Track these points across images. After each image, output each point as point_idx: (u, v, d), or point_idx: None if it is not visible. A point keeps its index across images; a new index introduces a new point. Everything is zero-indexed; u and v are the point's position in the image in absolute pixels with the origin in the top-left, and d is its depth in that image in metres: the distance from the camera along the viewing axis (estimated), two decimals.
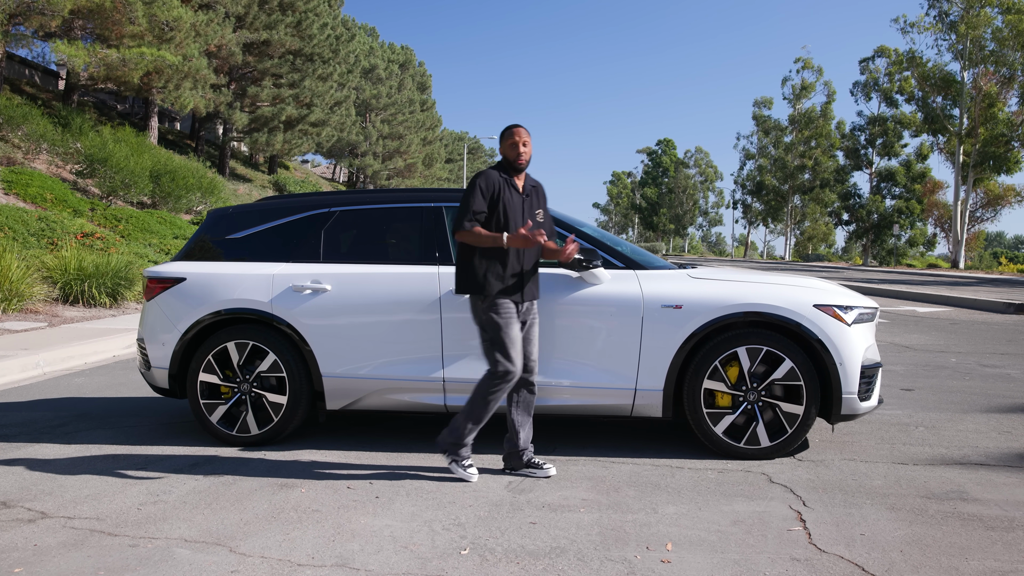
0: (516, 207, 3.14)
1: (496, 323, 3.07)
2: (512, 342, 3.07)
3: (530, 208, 3.19)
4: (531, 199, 3.20)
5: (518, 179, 3.19)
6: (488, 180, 3.13)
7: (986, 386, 5.24)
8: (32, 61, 21.03)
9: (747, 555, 2.38)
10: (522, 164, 3.16)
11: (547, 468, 3.21)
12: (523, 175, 3.21)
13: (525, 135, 3.17)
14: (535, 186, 3.25)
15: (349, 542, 2.49)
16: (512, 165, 3.17)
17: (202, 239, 4.02)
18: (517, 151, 3.14)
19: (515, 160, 3.15)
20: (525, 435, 3.22)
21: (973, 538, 2.53)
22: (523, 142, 3.15)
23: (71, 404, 4.71)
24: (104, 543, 2.49)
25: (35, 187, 12.35)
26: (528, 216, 3.17)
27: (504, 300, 3.09)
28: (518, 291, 3.12)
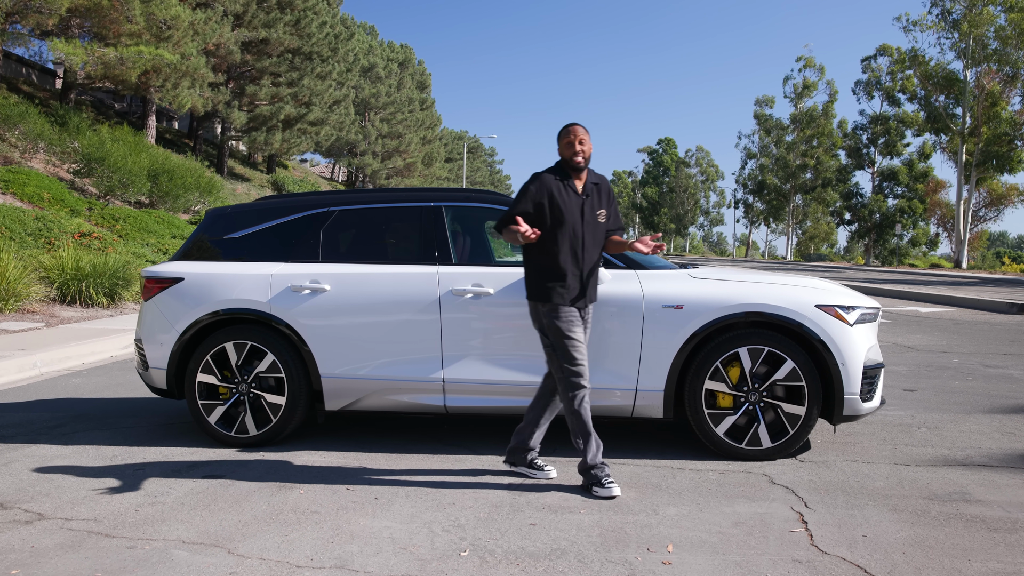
0: (572, 208, 3.02)
1: (559, 329, 2.99)
2: (576, 347, 3.00)
3: (591, 207, 3.06)
4: (592, 198, 3.07)
5: (577, 179, 3.06)
6: (539, 183, 3.04)
7: (989, 387, 5.23)
8: (29, 60, 20.98)
9: (748, 557, 2.37)
10: (578, 164, 3.03)
11: (548, 470, 3.19)
12: (583, 174, 3.07)
13: (582, 133, 3.04)
14: (597, 183, 3.11)
15: (348, 543, 2.48)
16: (569, 164, 3.05)
17: (200, 239, 4.00)
18: (573, 150, 3.02)
19: (571, 159, 3.03)
20: (539, 435, 3.18)
21: (976, 540, 2.52)
22: (579, 140, 3.02)
23: (68, 405, 4.69)
24: (102, 544, 2.48)
25: (32, 186, 12.32)
26: (589, 216, 3.05)
27: (566, 306, 3.01)
28: (581, 297, 3.04)
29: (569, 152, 3.04)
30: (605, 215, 3.11)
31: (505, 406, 3.54)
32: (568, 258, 3.02)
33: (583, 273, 3.04)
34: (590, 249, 3.06)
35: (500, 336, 3.53)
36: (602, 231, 3.12)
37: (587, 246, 3.05)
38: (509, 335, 3.53)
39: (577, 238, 3.03)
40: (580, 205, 3.05)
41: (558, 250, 3.02)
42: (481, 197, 3.88)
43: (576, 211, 3.04)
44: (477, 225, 4.18)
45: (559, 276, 3.01)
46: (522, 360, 3.49)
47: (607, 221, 3.14)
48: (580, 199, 3.06)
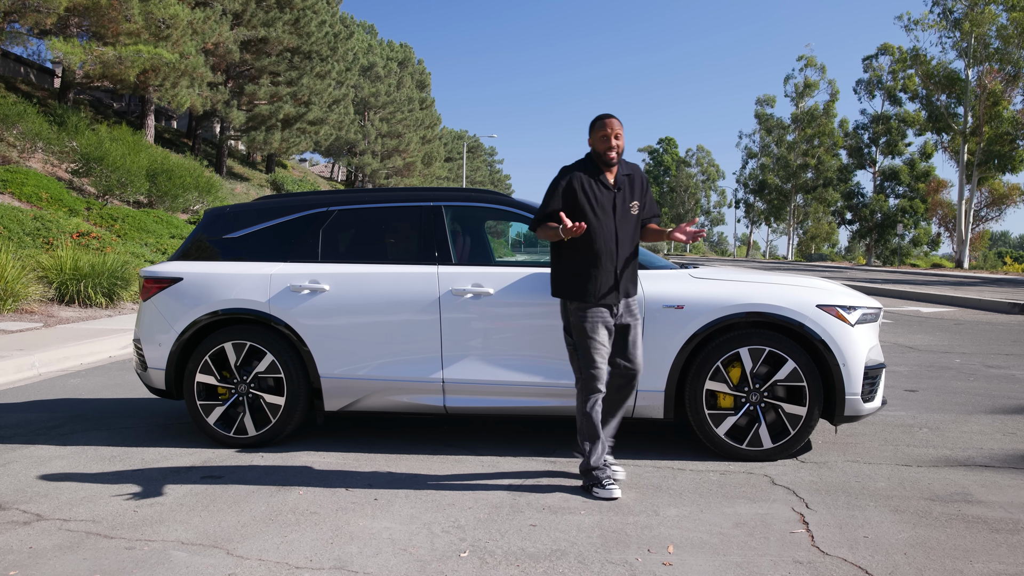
0: (603, 202, 2.93)
1: (582, 329, 2.95)
2: (596, 349, 2.92)
3: (623, 201, 2.97)
4: (624, 192, 2.98)
5: (608, 172, 2.97)
6: (568, 178, 2.95)
7: (991, 387, 5.22)
8: (27, 59, 20.94)
9: (749, 558, 2.37)
10: (611, 159, 2.93)
11: (616, 471, 3.04)
12: (614, 168, 2.98)
13: (617, 126, 2.93)
14: (629, 175, 3.01)
15: (347, 544, 2.47)
16: (601, 159, 2.95)
17: (199, 239, 3.99)
18: (608, 144, 2.92)
19: (604, 153, 2.93)
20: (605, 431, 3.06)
21: (978, 540, 2.52)
22: (615, 134, 2.92)
23: (67, 405, 4.68)
24: (100, 545, 2.47)
25: (30, 186, 12.29)
26: (621, 210, 2.96)
27: (592, 305, 2.95)
28: (614, 291, 2.95)
29: (603, 146, 2.94)
30: (638, 206, 3.02)
31: (505, 406, 3.53)
32: (599, 255, 2.94)
33: (616, 268, 2.96)
34: (623, 244, 2.98)
35: (500, 336, 3.52)
36: (635, 223, 3.03)
37: (620, 241, 2.97)
38: (509, 335, 3.52)
39: (609, 234, 2.95)
40: (612, 200, 2.96)
41: (589, 247, 2.93)
42: (481, 197, 3.87)
43: (608, 206, 2.95)
44: (477, 225, 4.17)
45: (589, 273, 2.94)
46: (522, 360, 3.48)
47: (641, 211, 3.04)
48: (612, 193, 2.97)
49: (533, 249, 24.39)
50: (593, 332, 2.95)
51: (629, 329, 3.05)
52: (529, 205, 3.82)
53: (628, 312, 3.05)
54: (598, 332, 2.95)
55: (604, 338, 2.97)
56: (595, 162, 2.99)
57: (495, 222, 5.56)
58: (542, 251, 17.47)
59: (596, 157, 2.99)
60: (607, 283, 2.96)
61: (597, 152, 2.97)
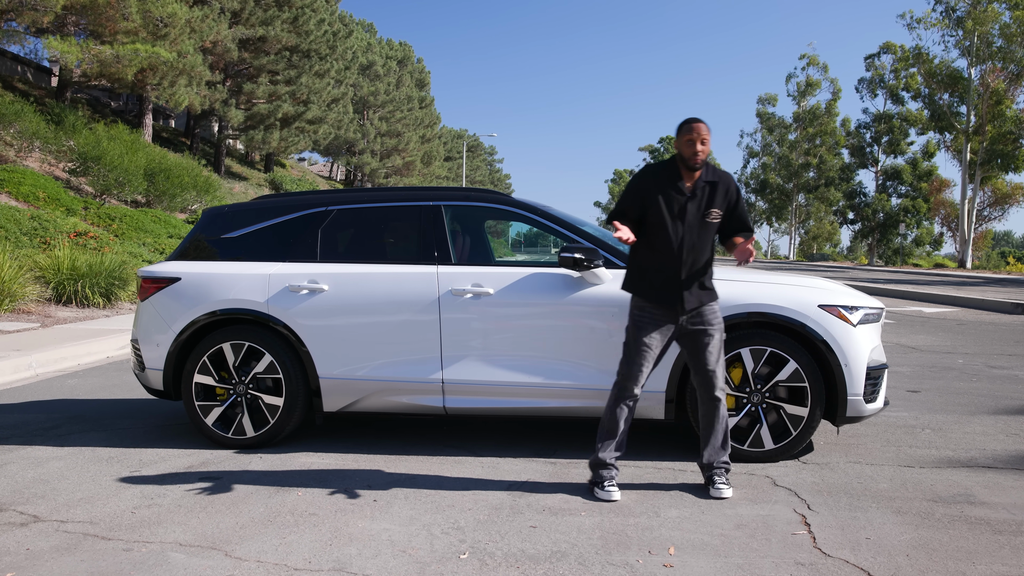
0: (673, 206, 2.91)
1: (632, 327, 2.97)
2: (639, 349, 2.91)
3: (697, 206, 2.92)
4: (700, 197, 2.93)
5: (688, 177, 2.95)
6: (641, 179, 2.99)
7: (993, 388, 5.21)
8: (24, 57, 20.87)
9: (751, 559, 2.35)
10: (696, 164, 2.91)
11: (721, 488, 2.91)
12: (695, 173, 2.95)
13: (704, 131, 2.90)
14: (711, 182, 2.95)
15: (346, 546, 2.46)
16: (686, 162, 2.94)
17: (197, 238, 3.97)
18: (693, 149, 2.90)
19: (689, 158, 2.91)
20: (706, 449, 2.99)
21: (980, 542, 2.50)
22: (700, 139, 2.89)
23: (64, 406, 4.66)
24: (97, 547, 2.46)
25: (27, 185, 12.24)
26: (693, 215, 2.92)
27: (648, 306, 2.94)
28: (672, 295, 2.91)
29: (689, 151, 2.92)
30: (717, 214, 2.96)
31: (505, 407, 3.51)
32: (662, 257, 2.93)
33: (680, 273, 2.91)
34: (691, 249, 2.92)
35: (500, 337, 3.51)
36: (710, 231, 2.97)
37: (687, 246, 2.92)
38: (509, 335, 3.50)
39: (676, 237, 2.92)
40: (683, 204, 2.93)
41: (654, 247, 2.95)
42: (481, 196, 3.85)
43: (677, 210, 2.92)
44: (477, 224, 4.15)
45: (649, 273, 2.96)
46: (522, 361, 3.46)
47: (720, 221, 2.99)
48: (684, 198, 2.94)
49: (533, 249, 24.35)
50: (640, 331, 2.94)
51: (699, 337, 2.96)
52: (529, 204, 3.80)
53: (700, 321, 2.96)
54: (646, 333, 2.93)
55: (651, 341, 2.94)
56: (678, 165, 2.98)
57: (495, 222, 5.53)
58: (542, 251, 17.35)
59: (680, 160, 2.98)
60: (666, 286, 2.93)
61: (682, 156, 2.96)
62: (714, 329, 2.97)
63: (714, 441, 3.00)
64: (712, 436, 3.00)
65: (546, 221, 3.70)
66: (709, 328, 2.97)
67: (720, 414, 2.99)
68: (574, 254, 3.34)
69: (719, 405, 2.98)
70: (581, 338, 3.43)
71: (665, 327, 2.96)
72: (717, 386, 2.97)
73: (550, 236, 3.79)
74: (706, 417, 3.02)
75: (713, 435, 3.00)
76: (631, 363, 2.94)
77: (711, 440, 3.00)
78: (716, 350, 2.97)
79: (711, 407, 3.00)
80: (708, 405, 3.00)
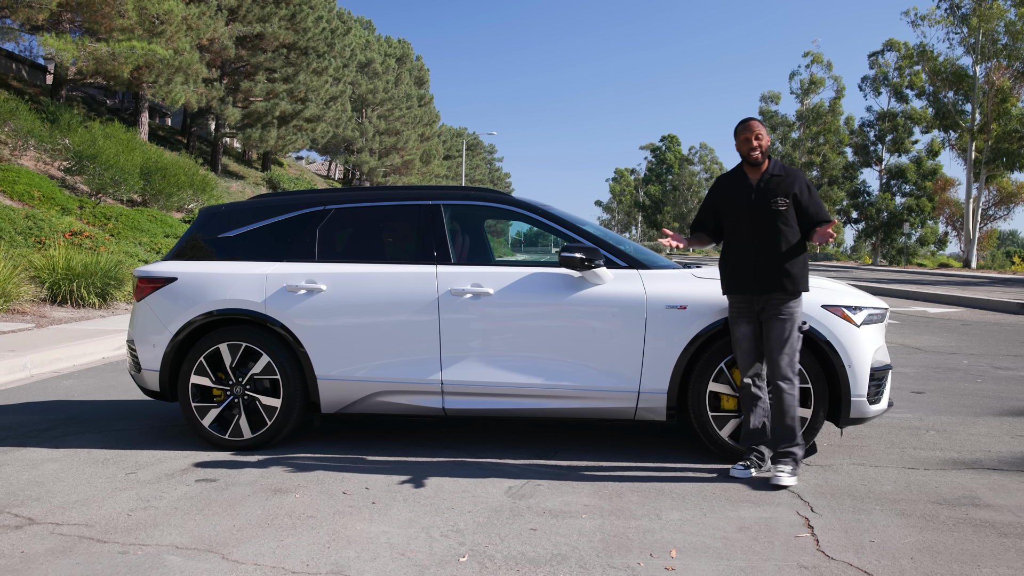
0: (738, 200, 3.19)
1: (729, 322, 3.21)
2: (735, 343, 3.18)
3: (762, 199, 3.14)
4: (766, 190, 3.16)
5: (752, 173, 3.20)
6: (714, 185, 3.32)
7: (999, 389, 5.18)
8: (19, 55, 20.77)
9: (753, 562, 2.34)
10: (754, 159, 3.16)
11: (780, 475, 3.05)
12: (760, 168, 3.20)
13: (758, 128, 3.17)
14: (776, 175, 3.18)
15: (345, 549, 2.44)
16: (746, 160, 3.21)
17: (194, 238, 3.94)
18: (749, 146, 3.17)
19: (748, 155, 3.18)
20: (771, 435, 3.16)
21: (985, 545, 2.49)
22: (754, 135, 3.16)
23: (59, 407, 4.62)
24: (93, 550, 2.44)
25: (22, 184, 12.18)
26: (759, 206, 3.14)
27: (732, 299, 3.19)
28: (743, 284, 3.13)
29: (745, 148, 3.19)
30: (783, 202, 3.13)
31: (505, 408, 3.48)
32: (732, 248, 3.20)
33: (752, 261, 3.13)
34: (760, 238, 3.13)
35: (500, 337, 3.48)
36: (779, 220, 3.13)
37: (756, 235, 3.14)
38: (509, 336, 3.47)
39: (744, 228, 3.17)
40: (748, 196, 3.17)
41: (729, 243, 3.23)
42: (480, 195, 3.83)
43: (742, 203, 3.17)
44: (476, 224, 4.13)
45: (725, 266, 3.22)
46: (522, 362, 3.44)
47: (789, 211, 3.14)
48: (750, 190, 3.18)
49: (533, 248, 24.30)
50: (732, 326, 3.20)
51: (769, 325, 3.13)
52: (530, 204, 3.78)
53: (772, 309, 3.12)
54: (736, 324, 3.18)
55: (742, 331, 3.16)
56: (741, 166, 3.26)
57: (495, 221, 5.48)
58: (543, 250, 17.38)
59: (741, 159, 3.25)
60: (739, 275, 3.16)
61: (742, 155, 3.23)
62: (784, 319, 3.11)
63: (776, 428, 3.16)
64: (774, 423, 3.17)
65: (546, 220, 3.67)
66: (779, 317, 3.12)
67: (784, 401, 3.12)
68: (575, 254, 3.32)
69: (781, 394, 3.12)
70: (582, 339, 3.41)
71: (751, 317, 3.17)
72: (777, 374, 3.12)
73: (550, 236, 3.78)
74: (772, 404, 3.18)
75: (776, 422, 3.16)
76: (737, 357, 3.19)
77: (775, 427, 3.16)
78: (782, 339, 3.10)
79: (774, 395, 3.15)
80: (772, 393, 3.16)
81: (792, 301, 3.12)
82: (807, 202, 3.17)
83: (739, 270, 3.15)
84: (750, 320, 3.16)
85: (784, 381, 3.10)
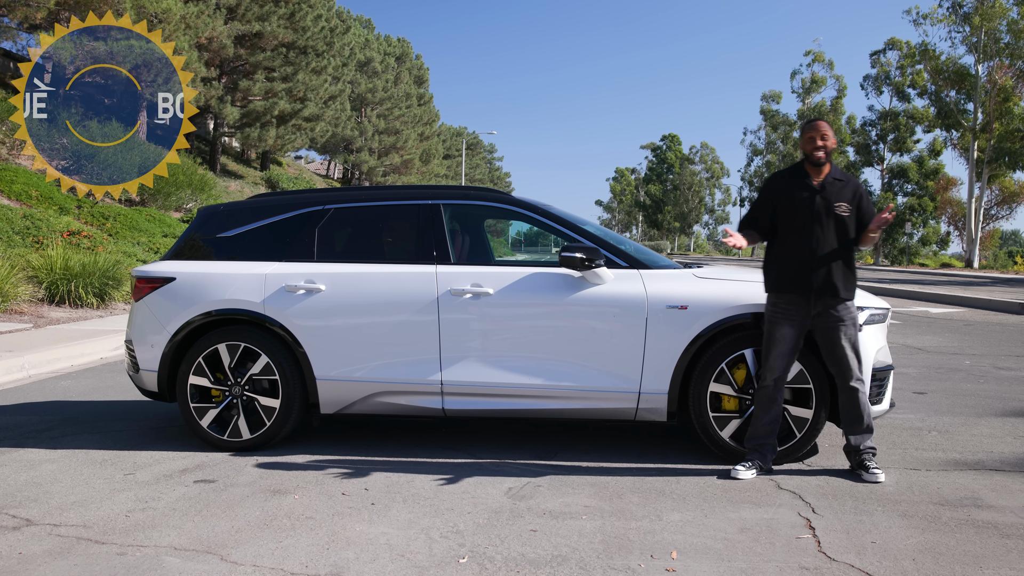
0: (800, 202, 3.15)
1: (767, 319, 3.16)
2: (772, 343, 3.12)
3: (825, 202, 3.13)
4: (829, 191, 3.14)
5: (816, 174, 3.18)
6: (772, 181, 3.27)
7: (1001, 389, 5.17)
8: (16, 54, 20.71)
9: (755, 563, 2.33)
10: (817, 158, 3.15)
11: (876, 473, 3.09)
12: (823, 169, 3.18)
13: (824, 128, 3.17)
14: (839, 179, 3.19)
15: (344, 550, 2.43)
16: (809, 158, 3.18)
17: (192, 237, 3.92)
18: (814, 144, 3.15)
19: (812, 153, 3.17)
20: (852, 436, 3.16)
21: (988, 546, 2.48)
22: (821, 135, 3.15)
23: (57, 408, 4.61)
24: (91, 551, 2.43)
25: (20, 184, 12.15)
26: (821, 208, 3.12)
27: (778, 297, 3.14)
28: (800, 286, 3.10)
29: (810, 147, 3.17)
30: (847, 208, 3.14)
31: (505, 409, 3.47)
32: (790, 250, 3.14)
33: (810, 265, 3.10)
34: (821, 242, 3.11)
35: (500, 337, 3.47)
36: (841, 225, 3.13)
37: (817, 238, 3.12)
38: (509, 336, 3.46)
39: (805, 230, 3.12)
40: (812, 198, 3.14)
41: (785, 243, 3.17)
42: (480, 195, 3.81)
43: (805, 205, 3.14)
44: (476, 224, 4.11)
45: (778, 266, 3.17)
46: (522, 362, 3.42)
47: (850, 216, 3.15)
48: (813, 192, 3.15)
49: (534, 248, 24.28)
50: (772, 326, 3.13)
51: (831, 331, 3.11)
52: (530, 203, 3.76)
53: (831, 314, 3.11)
54: (779, 325, 3.12)
55: (784, 332, 3.10)
56: (803, 165, 3.22)
57: (495, 221, 5.47)
58: (543, 250, 17.33)
59: (805, 158, 3.22)
60: (795, 278, 3.12)
61: (805, 153, 3.20)
62: (848, 323, 3.12)
63: (857, 427, 3.15)
64: (854, 422, 3.15)
65: (547, 220, 3.66)
66: (842, 321, 3.12)
67: (860, 401, 3.13)
68: (575, 253, 3.31)
69: (857, 394, 3.13)
70: (582, 339, 3.39)
71: (798, 320, 3.12)
72: (852, 376, 3.12)
73: (551, 235, 3.77)
74: (845, 405, 3.16)
75: (855, 422, 3.15)
76: (767, 359, 3.14)
77: (854, 426, 3.15)
78: (851, 341, 3.12)
79: (849, 396, 3.14)
80: (846, 394, 3.15)
81: (851, 303, 3.15)
82: (866, 209, 3.20)
83: (796, 271, 3.11)
84: (795, 323, 3.11)
85: (859, 382, 3.13)
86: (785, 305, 3.13)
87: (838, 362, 3.13)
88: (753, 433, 3.20)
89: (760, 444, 3.18)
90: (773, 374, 3.13)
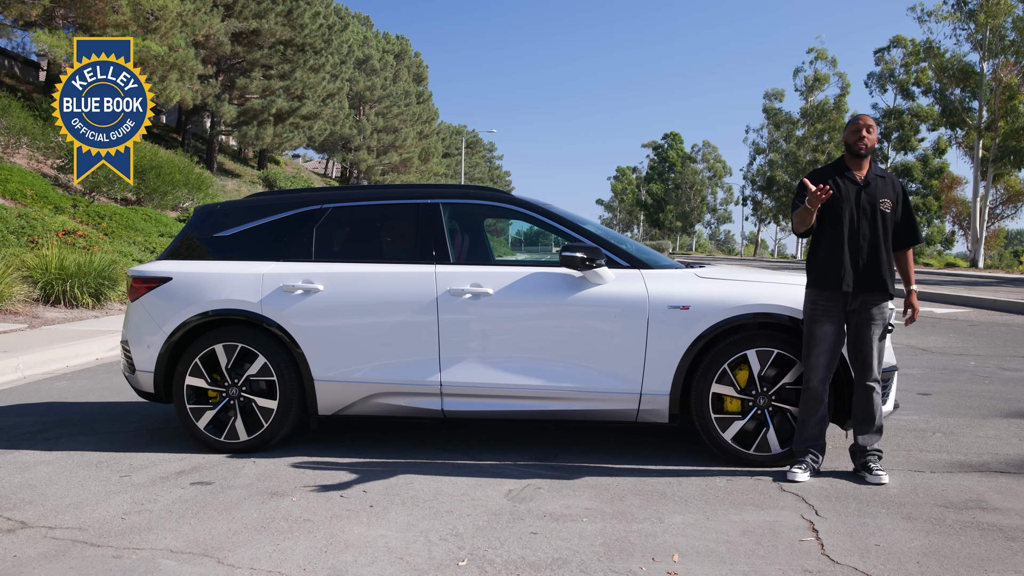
0: (848, 193, 3.13)
1: (806, 316, 3.15)
2: (813, 340, 3.09)
3: (870, 197, 3.13)
4: (872, 187, 3.15)
5: (857, 168, 3.17)
6: (815, 172, 3.24)
7: (1006, 390, 5.15)
8: (11, 51, 20.61)
9: (757, 566, 2.31)
10: (859, 149, 3.15)
11: (879, 475, 3.07)
12: (865, 164, 3.18)
13: (869, 121, 3.20)
14: (881, 176, 3.20)
15: (342, 553, 2.41)
16: (851, 149, 3.19)
17: (189, 237, 3.89)
18: (858, 135, 3.16)
19: (854, 144, 3.16)
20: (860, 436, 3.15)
21: (993, 549, 2.46)
22: (866, 127, 3.16)
23: (52, 409, 4.58)
24: (87, 554, 2.41)
25: (14, 183, 12.07)
26: (866, 202, 3.12)
27: (818, 293, 3.11)
28: (841, 280, 3.07)
29: (854, 138, 3.18)
30: (889, 204, 3.15)
31: (505, 410, 3.45)
32: (834, 244, 3.11)
33: (853, 259, 3.09)
34: (865, 236, 3.10)
35: (499, 338, 3.44)
36: (884, 222, 3.12)
37: (860, 232, 3.11)
38: (509, 337, 3.44)
39: (848, 223, 3.11)
40: (857, 191, 3.13)
41: (827, 237, 3.14)
42: (480, 194, 3.79)
43: (850, 197, 3.12)
44: (476, 223, 4.09)
45: (821, 260, 3.14)
46: (522, 363, 3.40)
47: (893, 213, 3.15)
48: (857, 186, 3.15)
49: (534, 248, 24.26)
50: (812, 322, 3.11)
51: (861, 326, 3.11)
52: (530, 202, 3.74)
53: (864, 310, 3.11)
54: (820, 322, 3.09)
55: (825, 329, 3.08)
56: (845, 160, 3.22)
57: (494, 220, 5.47)
58: (543, 250, 17.27)
59: (847, 150, 3.22)
60: (838, 271, 3.08)
61: (848, 144, 3.20)
62: (879, 321, 3.12)
63: (868, 426, 3.15)
64: (866, 422, 3.15)
65: (547, 219, 3.63)
66: (875, 318, 3.11)
67: (875, 401, 3.14)
68: (576, 253, 3.29)
69: (872, 393, 3.14)
70: (583, 339, 3.37)
71: (838, 316, 3.10)
72: (871, 375, 3.12)
73: (551, 235, 3.74)
74: (859, 404, 3.17)
75: (866, 421, 3.15)
76: (808, 356, 3.11)
77: (865, 425, 3.15)
78: (879, 340, 3.12)
79: (864, 394, 3.15)
80: (861, 392, 3.16)
81: (887, 302, 3.15)
82: (908, 210, 3.21)
83: (839, 266, 3.09)
84: (836, 319, 3.09)
85: (876, 383, 3.13)
86: (825, 302, 3.10)
87: (862, 359, 3.12)
88: (801, 436, 3.17)
89: (811, 446, 3.16)
90: (818, 374, 3.10)
